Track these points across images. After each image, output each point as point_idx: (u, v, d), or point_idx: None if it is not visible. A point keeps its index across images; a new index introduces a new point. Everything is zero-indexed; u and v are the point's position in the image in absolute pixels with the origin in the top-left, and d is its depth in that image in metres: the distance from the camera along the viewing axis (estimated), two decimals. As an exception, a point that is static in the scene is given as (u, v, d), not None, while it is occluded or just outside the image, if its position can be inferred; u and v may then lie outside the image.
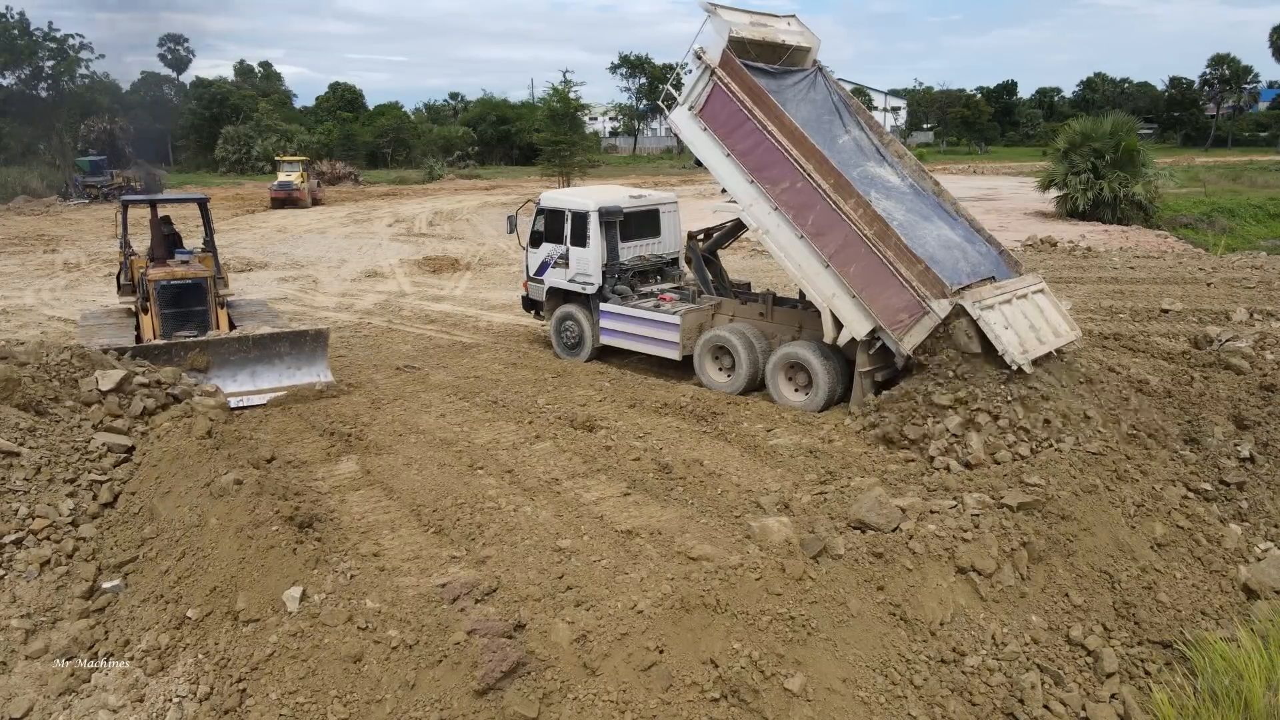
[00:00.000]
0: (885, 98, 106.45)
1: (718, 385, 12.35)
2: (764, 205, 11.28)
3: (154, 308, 12.22)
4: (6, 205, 42.56)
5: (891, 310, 10.35)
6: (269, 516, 6.76)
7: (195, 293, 12.46)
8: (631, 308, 13.29)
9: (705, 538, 7.27)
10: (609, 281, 13.57)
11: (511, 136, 77.48)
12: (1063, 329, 10.86)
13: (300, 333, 12.17)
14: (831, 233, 10.74)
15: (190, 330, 12.07)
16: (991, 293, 10.37)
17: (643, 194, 14.58)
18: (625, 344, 13.49)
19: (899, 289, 10.26)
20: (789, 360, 11.62)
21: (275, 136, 65.77)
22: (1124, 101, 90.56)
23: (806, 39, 12.93)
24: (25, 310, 18.74)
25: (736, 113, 11.30)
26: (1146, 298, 17.53)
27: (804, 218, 10.95)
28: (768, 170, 11.19)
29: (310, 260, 25.78)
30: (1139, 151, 33.30)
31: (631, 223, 13.93)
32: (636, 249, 14.07)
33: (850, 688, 5.74)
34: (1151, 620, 6.84)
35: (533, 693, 5.44)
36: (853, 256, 10.61)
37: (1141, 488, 8.10)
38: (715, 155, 11.66)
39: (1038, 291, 11.12)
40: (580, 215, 13.59)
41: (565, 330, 14.28)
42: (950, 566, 6.69)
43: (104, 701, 5.57)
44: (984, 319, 9.70)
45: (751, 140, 11.25)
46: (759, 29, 12.22)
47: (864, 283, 10.53)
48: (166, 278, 12.36)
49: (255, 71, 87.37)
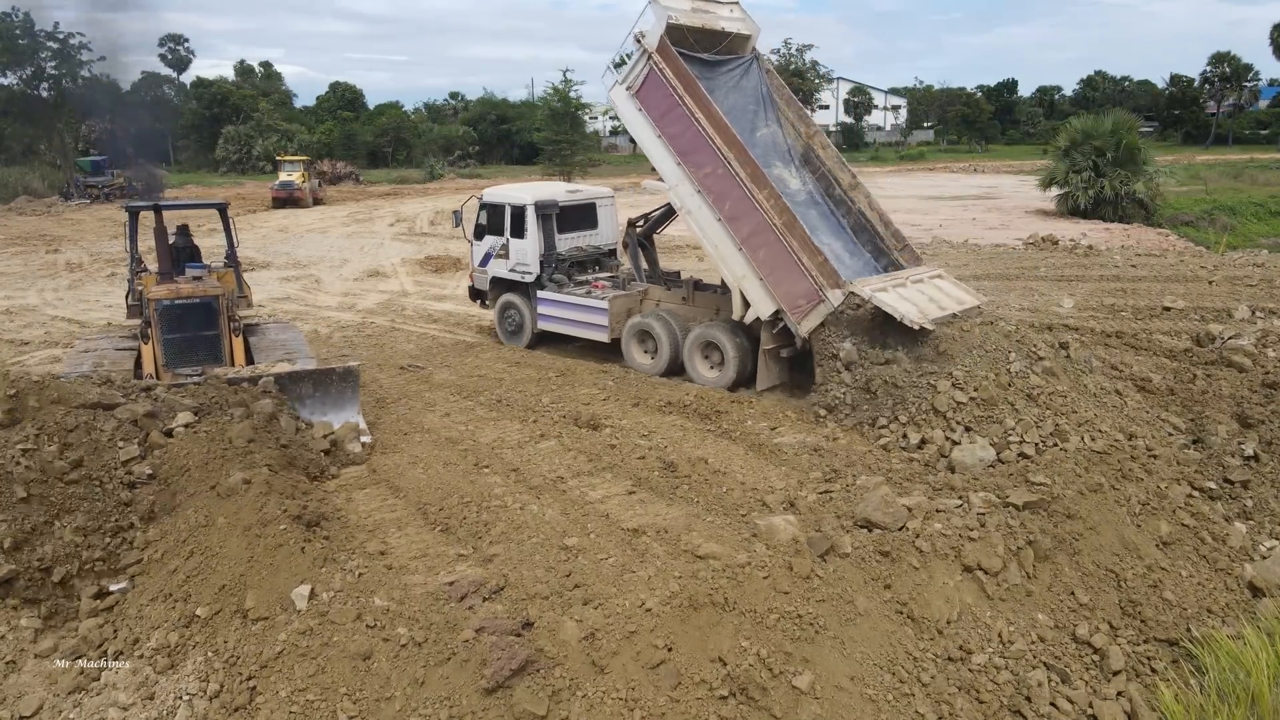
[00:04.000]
0: (886, 96, 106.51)
1: (642, 367, 13.19)
2: (688, 187, 12.05)
3: (155, 333, 10.44)
4: (8, 205, 42.56)
5: (793, 295, 11.23)
6: (277, 515, 6.77)
7: (204, 315, 10.63)
8: (565, 294, 14.10)
9: (712, 536, 7.28)
10: (546, 271, 14.38)
11: (512, 136, 77.48)
12: (966, 298, 11.71)
13: (326, 370, 10.19)
14: (745, 219, 11.55)
15: (197, 362, 10.44)
16: (885, 280, 11.39)
17: (579, 189, 15.75)
18: (560, 328, 14.31)
19: (800, 276, 11.11)
20: (704, 340, 12.47)
21: (276, 136, 65.75)
22: (1124, 100, 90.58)
23: (747, 26, 13.52)
24: (29, 310, 18.75)
25: (668, 97, 11.98)
26: (1148, 295, 17.52)
27: (722, 202, 11.72)
28: (693, 154, 11.91)
29: (312, 260, 25.79)
30: (1140, 149, 33.31)
31: (568, 216, 14.80)
32: (574, 240, 14.95)
33: (858, 685, 5.76)
34: (1158, 618, 6.86)
35: (542, 690, 5.45)
36: (762, 243, 11.43)
37: (1146, 486, 8.11)
38: (648, 135, 12.38)
39: (935, 277, 12.00)
40: (518, 209, 14.46)
41: (507, 317, 15.11)
42: (957, 565, 6.71)
43: (114, 700, 5.59)
44: (877, 298, 10.55)
45: (681, 125, 11.95)
46: (699, 15, 12.87)
47: (770, 267, 11.37)
48: (170, 297, 10.51)
49: (256, 71, 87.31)
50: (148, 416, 7.81)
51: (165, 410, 8.12)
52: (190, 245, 12.70)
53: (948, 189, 47.39)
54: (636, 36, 12.18)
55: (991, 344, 10.02)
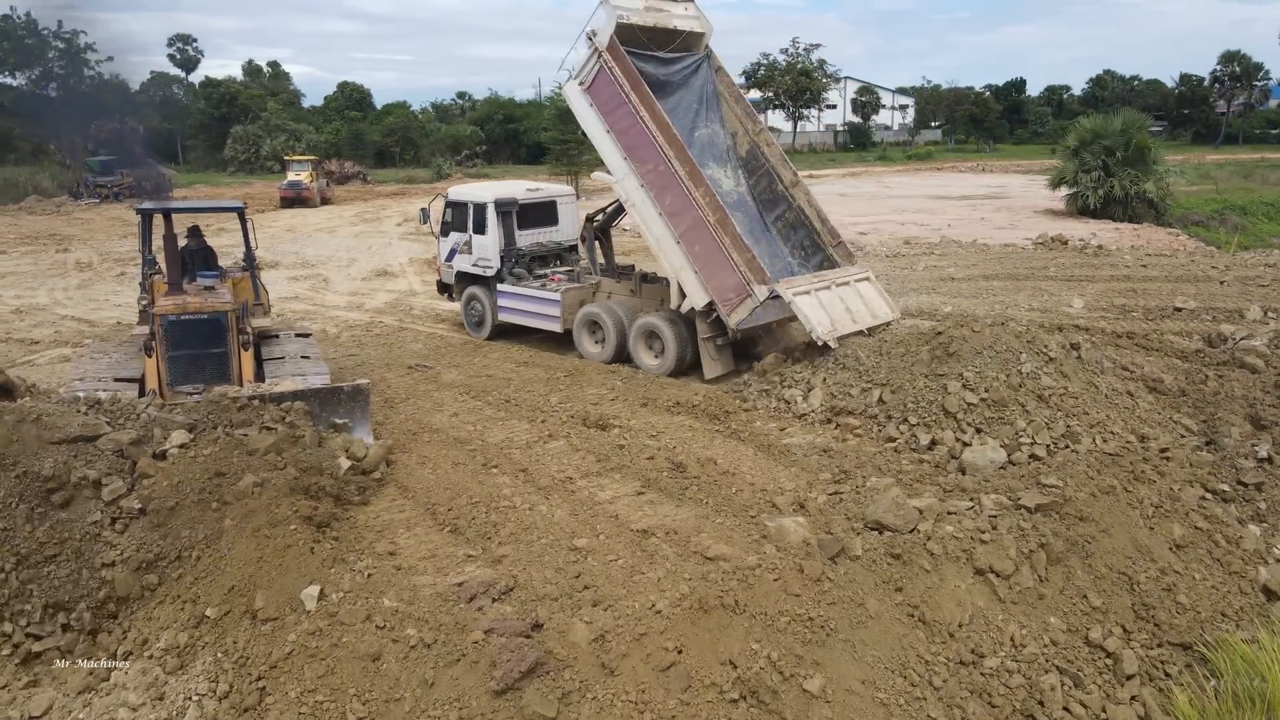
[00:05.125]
0: (893, 96, 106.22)
1: (591, 355, 13.84)
2: (633, 181, 12.71)
3: (160, 349, 9.84)
4: (18, 205, 42.76)
5: (724, 289, 11.97)
6: (287, 516, 6.76)
7: (212, 331, 9.98)
8: (523, 287, 14.73)
9: (721, 537, 7.25)
10: (506, 265, 14.98)
11: (519, 135, 77.48)
12: (881, 312, 12.57)
13: (333, 389, 9.57)
14: (683, 214, 12.25)
15: (203, 380, 9.81)
16: (809, 281, 12.23)
17: (540, 188, 16.45)
18: (518, 320, 14.93)
19: (730, 271, 11.88)
20: (646, 329, 13.12)
21: (284, 136, 65.85)
22: (1134, 99, 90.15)
23: (700, 25, 14.09)
24: (39, 309, 18.82)
25: (616, 94, 12.61)
26: (1159, 296, 17.42)
27: (663, 198, 12.43)
28: (638, 150, 12.57)
29: (320, 259, 25.82)
30: (1150, 149, 33.07)
31: (528, 213, 15.40)
32: (534, 236, 15.54)
33: (869, 689, 5.72)
34: (1171, 622, 6.80)
35: (551, 693, 5.43)
36: (698, 237, 12.16)
37: (1159, 489, 8.04)
38: (598, 129, 13.00)
39: (861, 280, 12.83)
40: (479, 206, 15.07)
41: (471, 310, 15.75)
42: (968, 568, 6.66)
43: (124, 700, 5.58)
44: (796, 302, 11.48)
45: (627, 121, 12.59)
46: (652, 14, 13.47)
47: (704, 261, 12.11)
48: (176, 311, 9.87)
49: (264, 71, 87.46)
50: (134, 444, 7.18)
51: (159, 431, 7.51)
52: (204, 248, 12.25)
53: (956, 188, 47.24)
54: (588, 35, 12.70)
55: (1002, 345, 9.97)
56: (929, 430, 9.52)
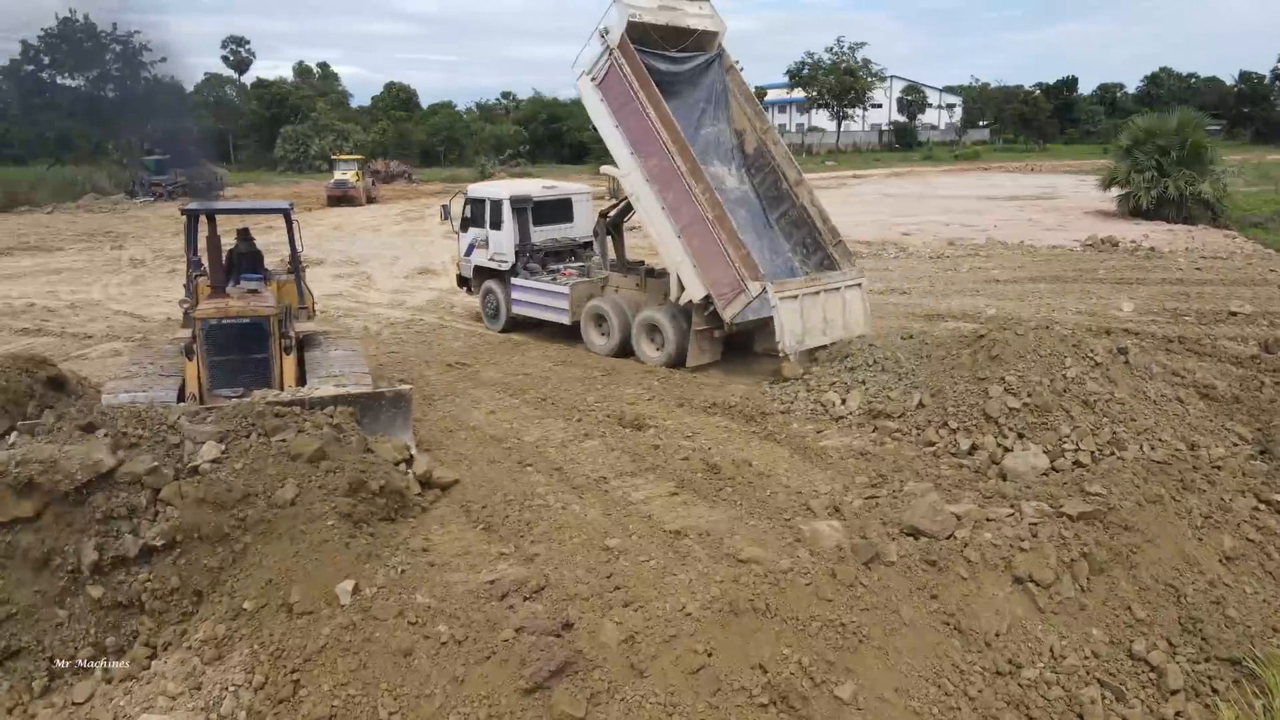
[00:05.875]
0: (940, 95, 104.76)
1: (596, 347, 14.26)
2: (639, 175, 13.05)
3: (201, 353, 9.63)
4: (77, 203, 44.08)
5: (720, 283, 12.33)
6: (324, 512, 6.84)
7: (254, 335, 9.74)
8: (535, 281, 15.18)
9: (754, 540, 7.19)
10: (521, 260, 15.38)
11: (562, 135, 77.90)
12: (856, 325, 12.94)
13: (375, 395, 9.10)
14: (683, 209, 12.58)
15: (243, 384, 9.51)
16: (800, 285, 12.57)
17: (556, 185, 16.80)
18: (530, 313, 15.34)
19: (726, 266, 12.22)
20: (648, 323, 13.51)
21: (332, 136, 67.04)
22: (1191, 97, 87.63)
23: (714, 24, 14.31)
24: (93, 305, 19.35)
25: (625, 91, 12.93)
26: (1213, 299, 16.94)
27: (665, 192, 12.77)
28: (644, 146, 12.90)
29: (364, 257, 26.20)
30: (1206, 148, 32.11)
31: (544, 210, 15.77)
32: (549, 232, 15.87)
33: (902, 697, 5.63)
34: (1219, 636, 6.59)
35: (580, 692, 5.42)
36: (696, 233, 12.49)
37: (1209, 498, 7.81)
38: (607, 124, 13.33)
39: (852, 286, 13.13)
40: (496, 203, 15.55)
41: (487, 302, 16.31)
42: (1007, 576, 6.53)
43: (163, 689, 5.70)
44: (779, 308, 11.95)
45: (635, 118, 12.93)
46: (665, 13, 13.73)
47: (702, 256, 12.47)
48: (217, 315, 9.67)
49: (313, 72, 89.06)
50: (151, 474, 6.81)
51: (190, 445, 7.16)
52: (252, 250, 12.06)
53: (1003, 189, 46.42)
54: (601, 32, 13.02)
55: (1046, 349, 9.75)
56: (969, 435, 9.34)
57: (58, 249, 28.74)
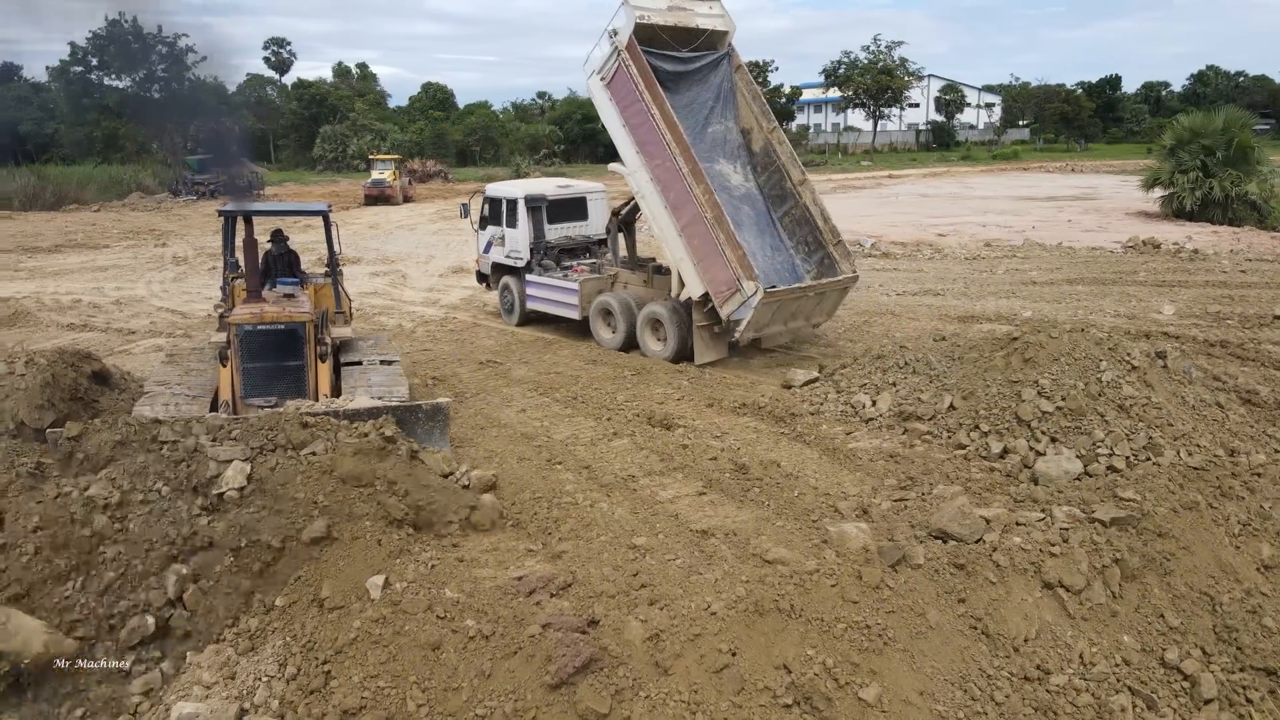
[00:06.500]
0: (979, 94, 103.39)
1: (604, 341, 14.71)
2: (644, 174, 13.41)
3: (235, 360, 9.42)
4: (123, 201, 45.10)
5: (718, 282, 12.68)
6: (366, 512, 6.93)
7: (289, 342, 9.52)
8: (548, 277, 15.60)
9: (781, 541, 7.18)
10: (535, 257, 15.82)
11: (596, 135, 78.02)
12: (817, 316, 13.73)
13: (412, 407, 8.99)
14: (684, 209, 12.92)
15: (278, 393, 9.41)
16: (786, 293, 12.92)
17: (570, 184, 17.19)
18: (543, 308, 15.80)
19: (723, 266, 12.57)
20: (651, 317, 13.91)
21: (370, 135, 67.84)
22: (1238, 96, 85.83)
23: (724, 24, 14.57)
24: (137, 301, 19.80)
25: (632, 91, 13.24)
26: (1258, 303, 16.57)
27: (668, 191, 13.09)
28: (649, 145, 13.21)
29: (400, 256, 26.51)
30: (1254, 148, 31.35)
31: (559, 208, 16.21)
32: (564, 230, 16.34)
33: (927, 701, 5.60)
34: (1255, 646, 6.47)
35: (605, 689, 5.47)
36: (696, 232, 12.82)
37: (1248, 506, 7.66)
38: (615, 123, 13.70)
39: (839, 290, 13.73)
40: (511, 201, 16.06)
41: (504, 297, 16.90)
42: (1036, 581, 6.46)
43: (198, 678, 5.84)
44: (755, 306, 12.31)
45: (640, 118, 13.23)
46: (674, 14, 13.99)
47: (702, 255, 12.81)
48: (252, 320, 9.46)
49: (352, 72, 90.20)
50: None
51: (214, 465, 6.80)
52: (287, 253, 11.99)
53: (1043, 189, 45.73)
54: (609, 33, 13.32)
55: (1081, 352, 9.63)
56: (1001, 438, 9.25)
57: (104, 246, 29.44)
